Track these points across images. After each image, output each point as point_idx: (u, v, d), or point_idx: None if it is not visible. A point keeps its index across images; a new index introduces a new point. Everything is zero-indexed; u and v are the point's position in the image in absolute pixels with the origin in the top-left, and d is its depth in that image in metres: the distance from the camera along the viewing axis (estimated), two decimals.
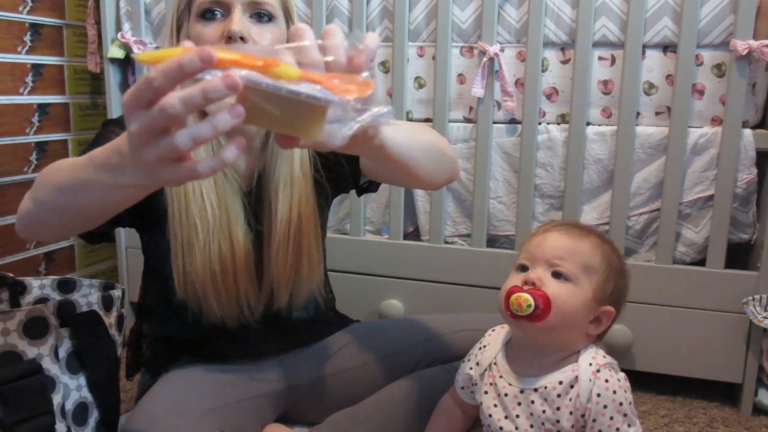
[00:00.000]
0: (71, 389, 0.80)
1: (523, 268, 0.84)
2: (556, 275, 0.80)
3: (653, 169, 1.38)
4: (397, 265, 1.52)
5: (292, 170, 0.97)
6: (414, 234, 1.61)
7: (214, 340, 1.03)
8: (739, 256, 1.42)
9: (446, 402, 0.97)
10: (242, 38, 0.87)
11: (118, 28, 1.73)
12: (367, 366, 1.09)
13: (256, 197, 0.99)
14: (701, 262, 1.37)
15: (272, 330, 1.05)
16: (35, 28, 1.73)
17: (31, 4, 1.71)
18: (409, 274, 1.52)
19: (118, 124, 0.97)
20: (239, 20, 0.88)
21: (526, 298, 0.77)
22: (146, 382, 1.05)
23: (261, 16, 0.91)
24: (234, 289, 0.96)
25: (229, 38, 0.87)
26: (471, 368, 0.91)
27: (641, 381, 1.46)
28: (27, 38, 1.71)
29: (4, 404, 0.72)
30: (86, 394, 0.82)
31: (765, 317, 1.27)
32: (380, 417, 1.02)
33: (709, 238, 1.35)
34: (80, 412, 0.81)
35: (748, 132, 1.31)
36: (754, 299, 1.29)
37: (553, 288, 0.79)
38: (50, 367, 0.77)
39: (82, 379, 0.81)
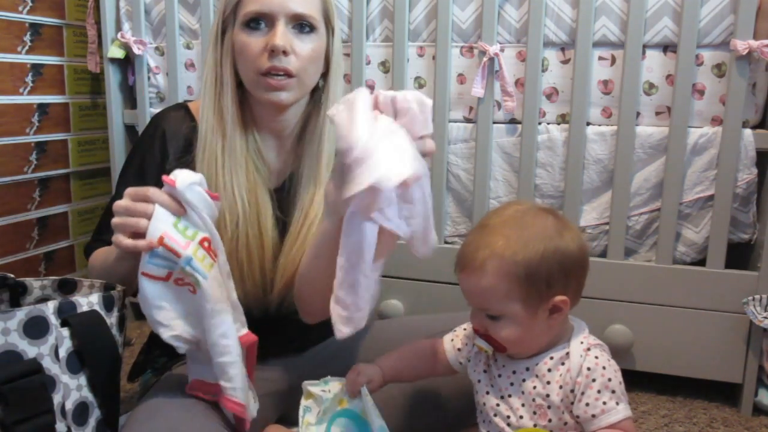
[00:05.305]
0: (71, 389, 0.79)
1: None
2: (491, 317, 0.81)
3: (653, 169, 1.38)
4: (397, 265, 1.52)
5: (319, 168, 1.02)
6: None
7: None
8: (739, 256, 1.42)
9: (424, 343, 0.97)
10: (284, 52, 0.93)
11: (118, 28, 1.73)
12: None
13: (287, 193, 1.04)
14: (701, 262, 1.37)
15: (285, 327, 1.05)
16: (35, 28, 1.73)
17: (31, 4, 1.71)
18: (409, 274, 1.52)
19: (165, 122, 1.04)
20: (282, 34, 0.92)
21: (482, 345, 0.84)
22: (149, 381, 1.05)
23: (303, 27, 0.95)
24: (260, 277, 0.99)
25: (272, 51, 0.92)
26: (466, 344, 0.92)
27: (641, 381, 1.46)
28: (27, 38, 1.71)
29: (4, 404, 0.72)
30: (86, 394, 0.81)
31: (765, 317, 1.27)
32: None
33: (709, 238, 1.35)
34: (80, 412, 0.81)
35: (748, 132, 1.31)
36: (754, 299, 1.30)
37: (494, 330, 0.81)
38: (50, 366, 0.77)
39: (82, 379, 0.81)
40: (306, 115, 1.05)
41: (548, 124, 1.43)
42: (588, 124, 1.41)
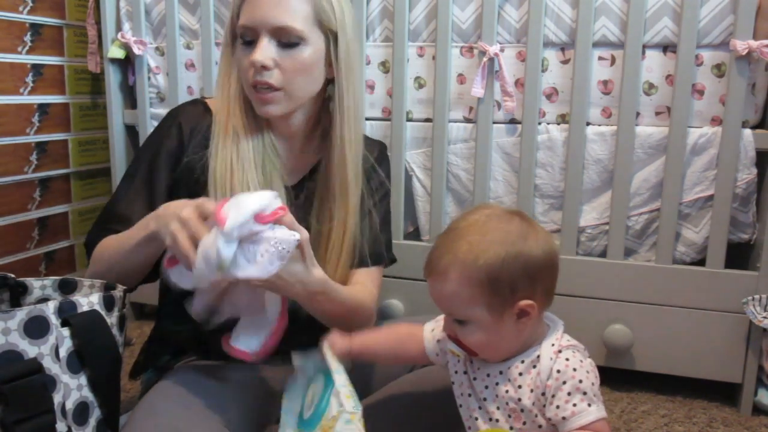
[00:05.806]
0: (72, 389, 0.80)
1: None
2: (458, 322, 0.81)
3: (653, 169, 1.38)
4: (397, 265, 1.52)
5: (347, 179, 1.03)
6: (414, 234, 1.61)
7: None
8: (739, 256, 1.42)
9: (402, 326, 0.97)
10: (264, 67, 0.93)
11: (118, 28, 1.74)
12: (366, 366, 1.10)
13: (309, 192, 1.05)
14: (701, 262, 1.38)
15: (293, 326, 1.05)
16: (35, 28, 1.73)
17: (31, 4, 1.71)
18: (409, 274, 1.52)
19: (182, 115, 1.05)
20: (262, 50, 0.93)
21: (454, 350, 0.85)
22: (150, 380, 1.05)
23: (287, 40, 0.94)
24: None
25: (253, 67, 0.93)
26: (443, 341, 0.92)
27: (641, 381, 1.47)
28: (27, 38, 1.71)
29: (5, 403, 0.72)
30: (87, 394, 0.82)
31: (765, 317, 1.27)
32: (378, 416, 1.01)
33: (709, 238, 1.35)
34: (81, 412, 0.81)
35: (747, 132, 1.31)
36: (754, 299, 1.30)
37: (462, 335, 0.82)
38: (51, 366, 0.77)
39: (82, 379, 0.81)
40: (318, 115, 1.06)
41: (548, 124, 1.43)
42: (588, 124, 1.41)
